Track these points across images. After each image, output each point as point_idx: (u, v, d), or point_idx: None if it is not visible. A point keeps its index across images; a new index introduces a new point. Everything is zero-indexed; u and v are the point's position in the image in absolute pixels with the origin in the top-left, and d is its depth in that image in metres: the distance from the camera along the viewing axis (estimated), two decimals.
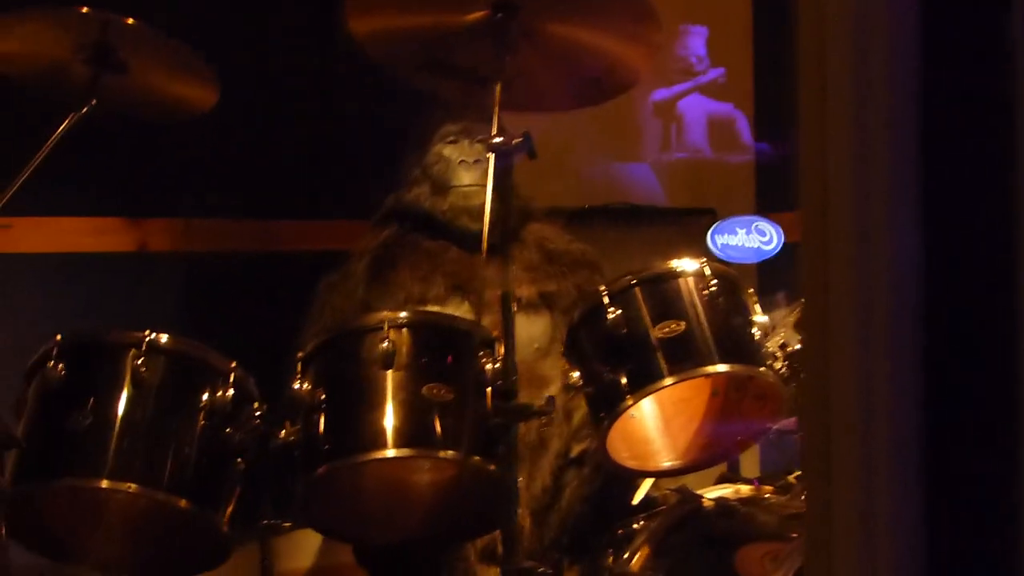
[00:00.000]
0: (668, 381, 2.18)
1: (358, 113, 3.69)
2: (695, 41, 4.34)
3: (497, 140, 2.00)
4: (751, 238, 3.91)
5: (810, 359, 1.23)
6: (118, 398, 2.17)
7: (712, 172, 4.23)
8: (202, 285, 3.51)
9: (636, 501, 2.65)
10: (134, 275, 3.37)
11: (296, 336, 3.01)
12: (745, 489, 2.48)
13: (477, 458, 2.09)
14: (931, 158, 1.12)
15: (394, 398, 2.11)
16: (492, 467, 2.10)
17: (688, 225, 3.78)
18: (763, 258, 3.86)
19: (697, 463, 2.43)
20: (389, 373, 2.12)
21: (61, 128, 2.20)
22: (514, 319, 2.08)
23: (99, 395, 2.18)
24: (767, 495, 2.43)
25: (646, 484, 2.70)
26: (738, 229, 3.97)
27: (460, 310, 2.84)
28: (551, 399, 2.12)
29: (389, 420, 2.10)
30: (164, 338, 2.21)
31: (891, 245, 1.13)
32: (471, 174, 2.96)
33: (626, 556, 2.39)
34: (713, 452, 2.42)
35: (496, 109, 2.02)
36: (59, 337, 2.21)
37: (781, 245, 3.77)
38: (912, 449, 1.13)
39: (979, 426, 1.14)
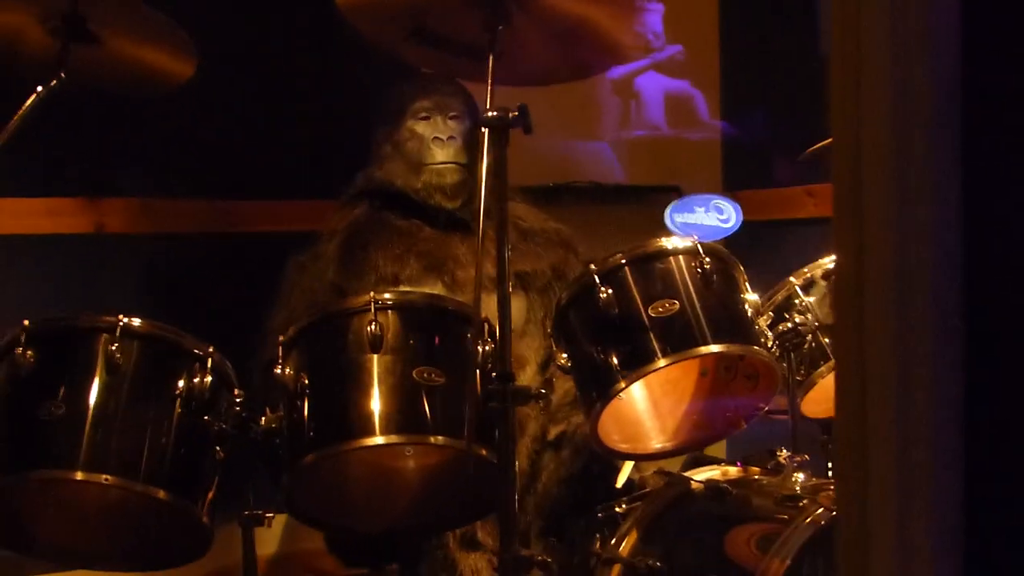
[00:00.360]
0: (662, 362, 2.13)
1: (317, 91, 3.61)
2: (652, 18, 4.30)
3: (492, 114, 1.93)
4: (709, 216, 3.89)
5: (844, 359, 1.18)
6: (91, 385, 2.08)
7: (674, 149, 4.20)
8: (160, 266, 3.41)
9: (619, 484, 2.61)
10: (91, 257, 3.27)
11: (260, 318, 2.95)
12: (732, 471, 2.44)
13: (472, 443, 2.03)
14: (970, 155, 1.09)
15: (383, 382, 2.04)
16: (485, 451, 2.04)
17: (653, 202, 3.75)
18: (721, 236, 3.84)
19: (688, 444, 2.39)
20: (377, 357, 2.06)
21: (28, 104, 2.08)
22: (509, 299, 2.00)
23: (71, 383, 2.08)
24: (756, 476, 2.39)
25: (627, 467, 2.66)
26: (696, 207, 3.95)
27: (435, 290, 2.78)
28: (549, 381, 2.07)
29: (378, 405, 2.03)
30: (138, 322, 2.12)
31: (931, 247, 1.09)
32: (445, 151, 2.89)
33: (614, 541, 2.35)
34: (704, 433, 2.38)
35: (491, 82, 1.95)
36: (27, 322, 2.11)
37: (739, 223, 3.76)
38: (951, 442, 1.10)
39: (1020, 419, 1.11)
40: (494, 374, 1.96)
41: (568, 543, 2.85)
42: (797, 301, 2.38)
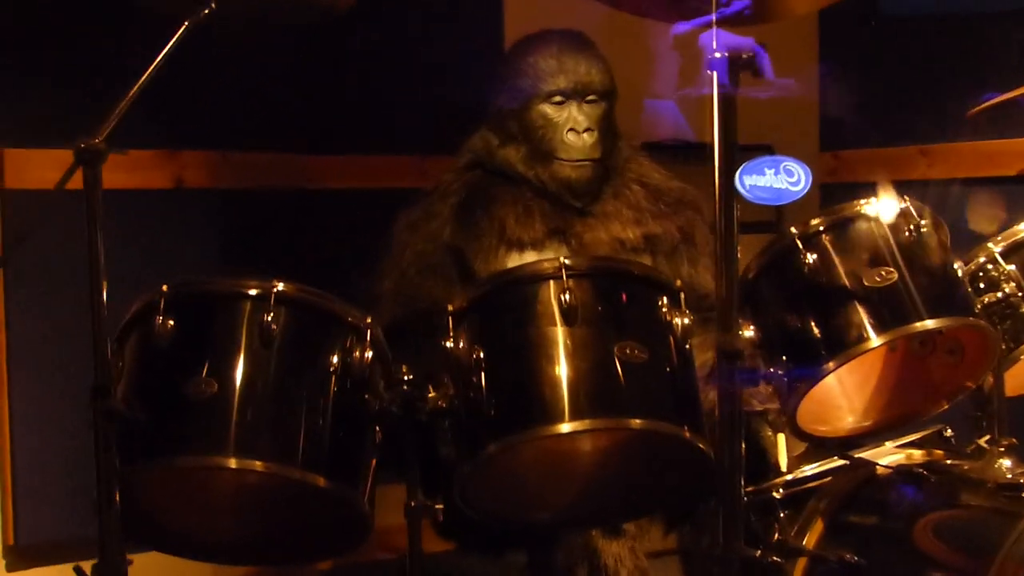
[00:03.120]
0: (879, 340, 1.90)
1: (397, 47, 3.36)
2: None
3: (720, 55, 1.70)
4: (779, 179, 3.68)
5: None
6: (240, 359, 1.85)
7: (766, 107, 3.96)
8: (238, 222, 3.17)
9: (784, 466, 2.39)
10: (170, 212, 3.03)
11: (340, 277, 2.70)
12: (917, 454, 2.24)
13: (686, 429, 1.81)
14: None
15: (581, 359, 1.80)
16: (686, 434, 1.81)
17: (743, 162, 3.53)
18: (790, 199, 3.62)
19: (883, 424, 2.16)
20: (571, 330, 1.82)
21: (175, 38, 1.83)
22: (736, 265, 1.77)
23: (218, 357, 1.85)
24: (948, 461, 2.18)
25: (782, 446, 2.45)
26: (766, 169, 3.74)
27: (560, 254, 2.54)
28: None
29: (578, 385, 1.78)
30: (292, 288, 1.89)
31: None
32: (580, 146, 2.60)
33: (796, 532, 2.14)
34: (900, 412, 2.15)
35: (715, 19, 1.72)
36: (166, 287, 1.88)
37: (809, 186, 3.55)
38: None
39: None
40: (721, 351, 1.72)
41: (695, 528, 2.65)
42: (994, 269, 2.16)
